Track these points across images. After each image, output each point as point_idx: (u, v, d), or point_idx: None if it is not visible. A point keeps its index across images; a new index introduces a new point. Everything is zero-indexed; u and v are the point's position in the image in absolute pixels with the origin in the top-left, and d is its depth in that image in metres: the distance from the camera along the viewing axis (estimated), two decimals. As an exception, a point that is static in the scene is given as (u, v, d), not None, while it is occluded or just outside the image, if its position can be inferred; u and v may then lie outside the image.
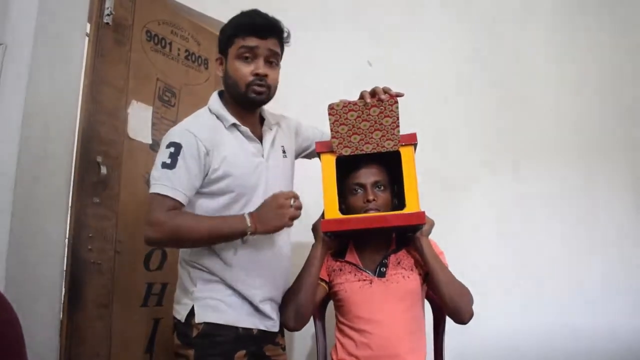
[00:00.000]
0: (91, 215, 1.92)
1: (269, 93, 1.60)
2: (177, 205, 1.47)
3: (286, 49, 1.66)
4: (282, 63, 1.65)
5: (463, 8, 2.77)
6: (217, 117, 1.59)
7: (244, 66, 1.56)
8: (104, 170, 1.95)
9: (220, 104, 1.62)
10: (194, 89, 2.43)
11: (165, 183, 1.46)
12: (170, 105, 2.30)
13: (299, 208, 1.52)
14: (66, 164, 1.86)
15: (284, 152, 1.72)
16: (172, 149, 1.48)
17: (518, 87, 2.64)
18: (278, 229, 1.52)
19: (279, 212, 1.49)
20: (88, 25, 2.03)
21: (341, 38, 2.68)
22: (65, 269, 1.83)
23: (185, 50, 2.42)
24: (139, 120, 2.14)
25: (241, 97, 1.59)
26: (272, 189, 1.60)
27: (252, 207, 1.56)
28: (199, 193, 1.54)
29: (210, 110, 1.61)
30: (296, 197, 1.53)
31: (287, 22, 1.59)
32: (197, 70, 2.47)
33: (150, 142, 2.17)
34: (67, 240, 1.84)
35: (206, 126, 1.56)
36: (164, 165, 1.47)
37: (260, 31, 1.55)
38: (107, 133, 2.01)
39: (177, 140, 1.49)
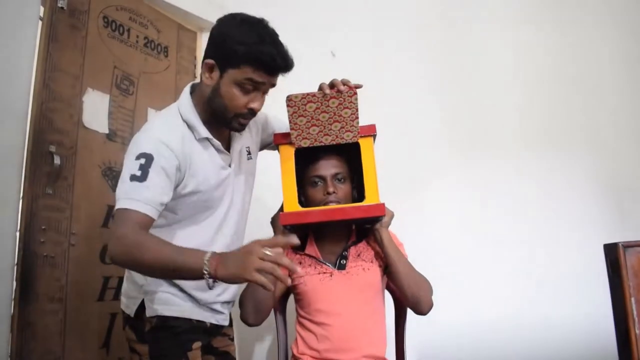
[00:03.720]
0: (44, 206, 1.85)
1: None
2: (148, 220, 1.33)
3: None
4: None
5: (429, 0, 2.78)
6: (188, 126, 1.47)
7: (241, 96, 1.42)
8: (57, 160, 1.88)
9: (192, 110, 1.47)
10: (153, 78, 2.37)
11: (136, 197, 1.31)
12: (128, 93, 2.24)
13: (276, 262, 1.19)
14: (17, 154, 1.79)
15: (249, 153, 1.67)
16: (142, 160, 1.34)
17: (482, 80, 2.66)
18: (238, 279, 1.23)
19: (244, 258, 1.20)
20: (42, 9, 1.95)
21: (305, 28, 2.66)
22: (16, 262, 1.76)
23: (145, 37, 2.36)
24: (95, 108, 2.08)
25: (223, 120, 1.48)
26: (236, 196, 1.58)
27: (216, 217, 1.53)
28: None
29: (181, 115, 1.48)
30: (277, 246, 1.23)
31: (252, 10, 1.51)
32: (157, 58, 2.41)
33: (106, 131, 2.11)
34: (18, 232, 1.78)
35: (179, 136, 1.43)
36: (134, 178, 1.32)
37: (275, 71, 1.43)
38: (61, 121, 1.94)
39: (148, 151, 1.35)
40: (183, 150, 1.42)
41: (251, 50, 1.37)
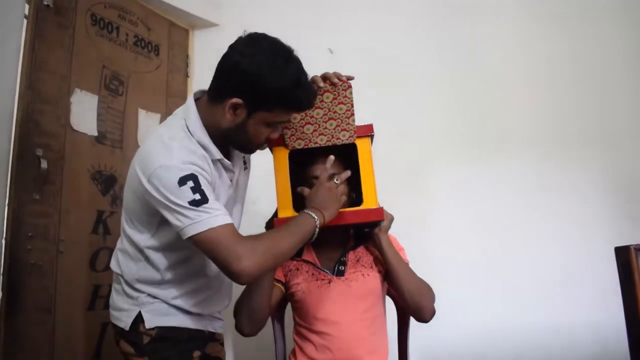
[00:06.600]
0: (30, 212, 1.81)
1: None
2: (234, 227, 1.34)
3: (243, 33, 1.47)
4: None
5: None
6: (201, 146, 1.40)
7: (267, 131, 1.41)
8: (44, 164, 1.84)
9: (203, 131, 1.40)
10: (144, 77, 2.33)
11: (213, 214, 1.28)
12: (117, 94, 2.19)
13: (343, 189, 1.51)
14: (2, 158, 1.74)
15: (244, 163, 1.63)
16: (190, 184, 1.28)
17: (488, 78, 2.59)
18: (337, 209, 1.49)
19: (327, 193, 1.47)
20: (27, 7, 1.90)
21: (302, 24, 2.60)
22: (1, 271, 1.72)
23: (134, 35, 2.30)
24: (83, 110, 2.03)
25: (239, 148, 1.50)
26: (235, 209, 1.57)
27: None
28: (167, 223, 1.35)
29: (191, 134, 1.40)
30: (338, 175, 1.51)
31: (246, 5, 1.45)
32: (147, 57, 2.36)
33: (95, 133, 2.07)
34: (3, 240, 1.73)
35: (202, 158, 1.37)
36: (195, 203, 1.27)
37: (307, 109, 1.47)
38: (48, 124, 1.90)
39: (188, 173, 1.29)
40: (210, 171, 1.39)
41: (288, 97, 1.35)
